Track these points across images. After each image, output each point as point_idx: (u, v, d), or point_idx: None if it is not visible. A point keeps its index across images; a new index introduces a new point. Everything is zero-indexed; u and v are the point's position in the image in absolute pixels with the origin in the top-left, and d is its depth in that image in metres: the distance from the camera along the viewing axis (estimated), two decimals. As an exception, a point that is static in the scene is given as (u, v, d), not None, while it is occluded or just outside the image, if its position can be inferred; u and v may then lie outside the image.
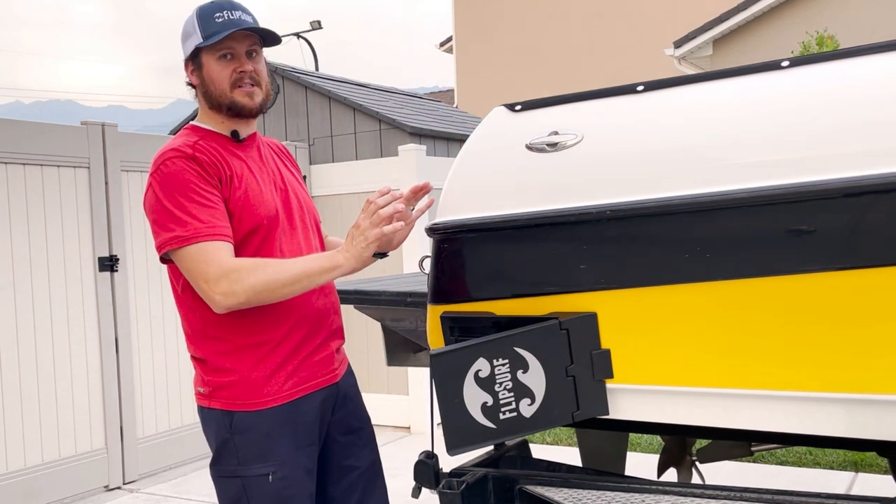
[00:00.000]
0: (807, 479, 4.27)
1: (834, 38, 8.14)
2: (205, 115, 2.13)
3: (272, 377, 2.03)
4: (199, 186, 1.96)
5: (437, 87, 26.07)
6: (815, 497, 1.72)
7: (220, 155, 2.04)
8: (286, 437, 2.03)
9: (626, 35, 17.53)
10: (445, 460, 2.03)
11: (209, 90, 2.07)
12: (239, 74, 2.04)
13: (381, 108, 8.09)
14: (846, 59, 1.65)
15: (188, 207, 1.94)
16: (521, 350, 1.80)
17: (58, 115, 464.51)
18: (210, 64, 2.04)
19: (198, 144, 2.02)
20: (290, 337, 2.06)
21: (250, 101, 2.06)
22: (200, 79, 2.08)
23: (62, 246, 4.68)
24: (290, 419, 2.04)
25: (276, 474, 2.00)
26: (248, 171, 2.08)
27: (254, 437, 2.01)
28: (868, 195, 1.53)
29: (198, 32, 2.04)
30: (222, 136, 2.10)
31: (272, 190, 2.11)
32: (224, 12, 2.02)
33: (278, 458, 2.01)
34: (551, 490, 1.94)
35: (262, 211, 2.04)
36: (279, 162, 2.25)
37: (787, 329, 1.61)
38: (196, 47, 2.04)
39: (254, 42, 2.07)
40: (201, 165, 1.98)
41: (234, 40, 2.03)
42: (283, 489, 2.00)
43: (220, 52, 2.03)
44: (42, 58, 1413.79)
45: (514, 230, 1.87)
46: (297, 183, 2.26)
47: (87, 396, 4.76)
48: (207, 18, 2.02)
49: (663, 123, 1.79)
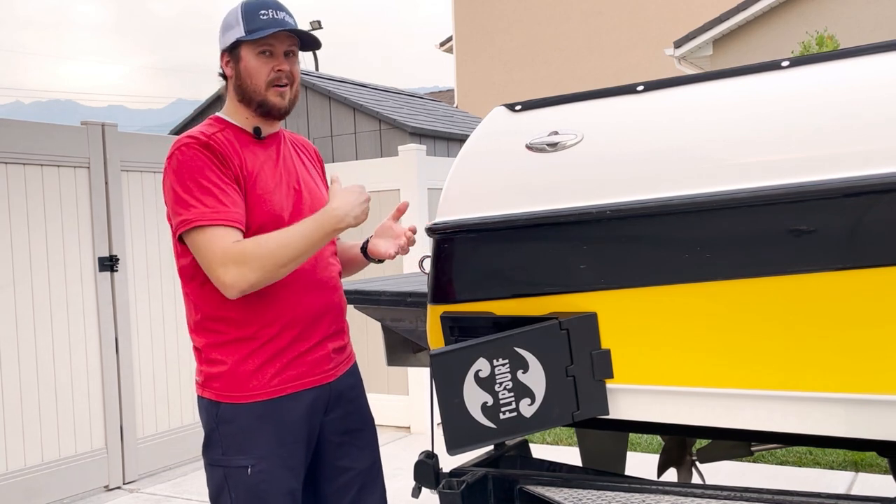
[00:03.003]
0: (807, 479, 4.27)
1: (834, 38, 8.14)
2: (232, 107, 2.14)
3: (258, 372, 2.05)
4: (211, 172, 1.98)
5: (437, 87, 26.08)
6: (815, 497, 1.72)
7: (234, 149, 2.05)
8: (268, 432, 2.04)
9: (626, 35, 17.53)
10: (445, 460, 2.03)
11: (244, 84, 2.08)
12: (277, 73, 2.07)
13: (381, 108, 8.09)
14: (846, 59, 1.65)
15: (196, 192, 1.96)
16: (522, 350, 1.80)
17: (58, 115, 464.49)
18: (249, 58, 2.06)
19: (215, 136, 2.04)
20: (282, 335, 2.06)
21: (281, 101, 2.09)
22: (236, 71, 2.09)
23: (62, 246, 4.68)
24: (274, 415, 2.05)
25: (255, 467, 2.02)
26: (263, 169, 2.09)
27: (236, 430, 2.04)
28: (868, 195, 1.53)
29: (241, 25, 2.05)
30: (243, 132, 2.11)
31: (284, 190, 2.12)
32: (269, 10, 2.05)
33: (258, 452, 2.03)
34: (551, 490, 1.94)
35: (268, 210, 2.05)
36: (301, 161, 2.25)
37: (787, 329, 1.61)
38: (237, 40, 2.06)
39: (293, 43, 2.10)
40: (214, 153, 2.00)
41: (276, 39, 2.06)
42: (261, 483, 2.02)
43: (261, 48, 2.05)
44: (42, 58, 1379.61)
45: (514, 230, 1.87)
46: (315, 184, 2.25)
47: (87, 396, 4.76)
48: (252, 14, 2.05)
49: (663, 123, 1.79)
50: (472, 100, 18.24)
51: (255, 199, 2.03)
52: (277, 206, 2.07)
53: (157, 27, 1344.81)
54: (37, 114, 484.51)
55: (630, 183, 1.75)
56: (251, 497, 2.03)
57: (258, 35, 2.02)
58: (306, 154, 2.31)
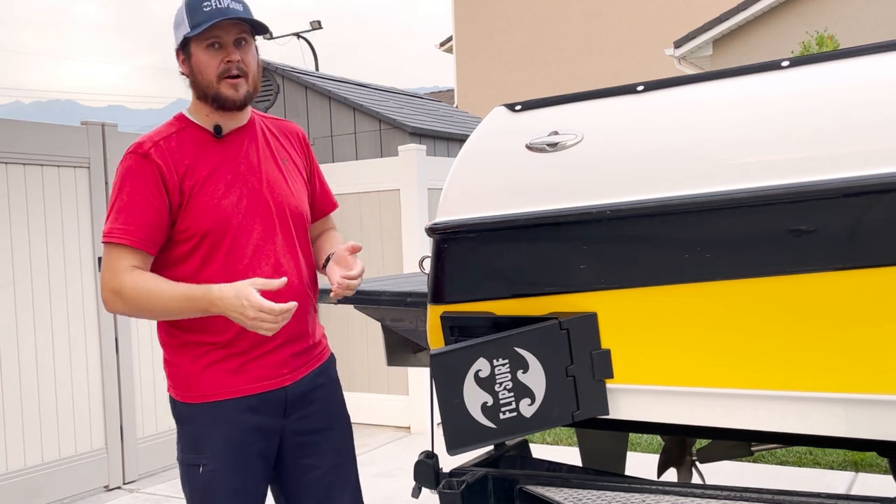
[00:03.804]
0: (807, 479, 4.27)
1: (834, 38, 8.14)
2: (193, 105, 2.12)
3: (208, 373, 2.07)
4: (138, 186, 2.00)
5: (437, 87, 26.07)
6: (815, 497, 1.72)
7: (184, 154, 2.04)
8: (218, 432, 2.06)
9: (626, 35, 17.53)
10: (445, 460, 2.03)
11: (197, 80, 2.05)
12: (226, 65, 2.02)
13: (381, 108, 8.09)
14: (846, 59, 1.65)
15: (116, 205, 2.02)
16: (521, 350, 1.80)
17: (58, 115, 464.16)
18: (198, 54, 2.03)
19: (162, 142, 2.04)
20: (234, 341, 2.05)
21: (234, 94, 2.04)
22: (189, 68, 2.06)
23: (62, 246, 4.68)
24: (225, 416, 2.06)
25: (205, 467, 2.06)
26: (217, 170, 2.07)
27: (189, 429, 2.10)
28: (868, 195, 1.53)
29: (186, 22, 2.02)
30: (203, 130, 2.09)
31: (239, 190, 2.08)
32: (212, 1, 2.00)
33: (207, 451, 2.07)
34: (551, 490, 1.94)
35: (213, 216, 2.03)
36: (270, 150, 2.19)
37: (787, 329, 1.61)
38: (185, 37, 2.03)
39: (242, 30, 2.05)
40: (152, 165, 2.01)
41: (221, 29, 2.01)
42: (210, 481, 2.06)
43: (208, 41, 2.02)
44: (42, 58, 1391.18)
45: (514, 230, 1.87)
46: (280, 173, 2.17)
47: (87, 396, 4.75)
48: (196, 7, 2.01)
49: (663, 123, 1.79)
50: (472, 100, 18.24)
51: (201, 204, 2.02)
52: (226, 210, 2.04)
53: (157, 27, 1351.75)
54: (37, 114, 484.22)
55: (630, 183, 1.75)
56: (201, 495, 2.08)
57: (201, 28, 1.98)
58: (286, 139, 2.26)
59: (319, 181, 2.37)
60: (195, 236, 2.03)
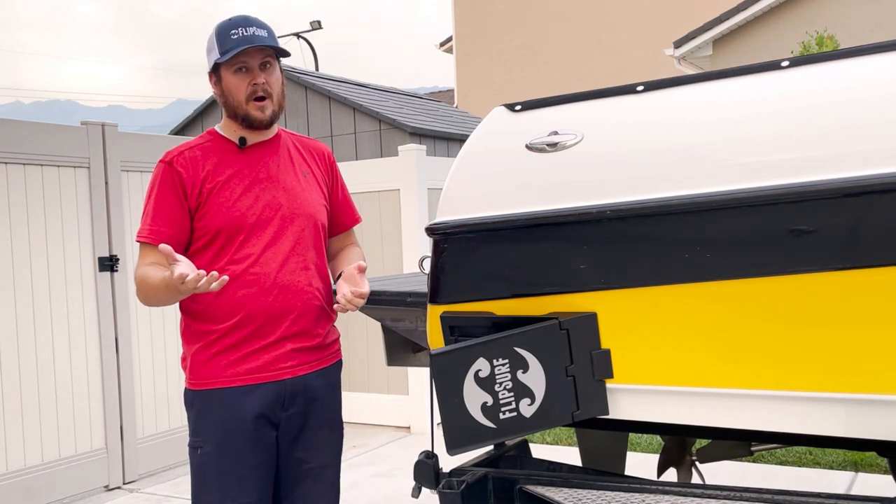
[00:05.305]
0: (807, 479, 4.27)
1: (834, 38, 8.14)
2: (224, 122, 2.35)
3: (212, 362, 2.23)
4: (164, 191, 2.23)
5: (437, 87, 26.07)
6: (815, 497, 1.72)
7: (206, 160, 2.26)
8: (216, 418, 2.23)
9: (626, 35, 17.53)
10: (445, 460, 2.03)
11: (228, 101, 2.29)
12: (253, 87, 2.24)
13: (381, 108, 8.09)
14: (846, 59, 1.65)
15: (148, 208, 2.26)
16: (521, 350, 1.80)
17: (58, 115, 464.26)
18: (228, 77, 2.26)
19: (186, 152, 2.27)
20: (235, 331, 2.22)
21: (261, 115, 2.26)
22: (221, 90, 2.29)
23: (62, 246, 4.68)
24: (224, 403, 2.22)
25: (203, 449, 2.25)
26: (236, 175, 2.26)
27: (193, 413, 2.29)
28: (868, 195, 1.53)
29: (216, 49, 2.25)
30: (228, 142, 2.32)
31: (257, 193, 2.26)
32: (239, 29, 2.23)
33: (204, 435, 2.25)
34: (551, 490, 1.94)
35: (228, 215, 2.22)
36: (292, 163, 2.36)
37: (787, 329, 1.61)
38: (215, 62, 2.25)
39: (267, 55, 2.27)
40: (175, 172, 2.24)
41: (247, 55, 2.23)
42: (205, 464, 2.25)
43: (236, 66, 2.24)
44: (42, 58, 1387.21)
45: (514, 230, 1.87)
46: (296, 183, 2.33)
47: (87, 396, 4.75)
48: (224, 35, 2.24)
49: (663, 123, 1.79)
50: (472, 100, 18.25)
51: (217, 205, 2.22)
52: (241, 210, 2.23)
53: (157, 27, 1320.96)
54: (37, 114, 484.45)
55: (630, 183, 1.75)
56: (198, 475, 2.27)
57: (229, 55, 2.21)
58: (311, 156, 2.44)
59: (343, 195, 2.54)
60: (209, 233, 2.23)
